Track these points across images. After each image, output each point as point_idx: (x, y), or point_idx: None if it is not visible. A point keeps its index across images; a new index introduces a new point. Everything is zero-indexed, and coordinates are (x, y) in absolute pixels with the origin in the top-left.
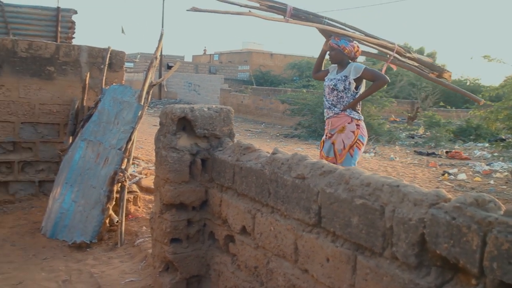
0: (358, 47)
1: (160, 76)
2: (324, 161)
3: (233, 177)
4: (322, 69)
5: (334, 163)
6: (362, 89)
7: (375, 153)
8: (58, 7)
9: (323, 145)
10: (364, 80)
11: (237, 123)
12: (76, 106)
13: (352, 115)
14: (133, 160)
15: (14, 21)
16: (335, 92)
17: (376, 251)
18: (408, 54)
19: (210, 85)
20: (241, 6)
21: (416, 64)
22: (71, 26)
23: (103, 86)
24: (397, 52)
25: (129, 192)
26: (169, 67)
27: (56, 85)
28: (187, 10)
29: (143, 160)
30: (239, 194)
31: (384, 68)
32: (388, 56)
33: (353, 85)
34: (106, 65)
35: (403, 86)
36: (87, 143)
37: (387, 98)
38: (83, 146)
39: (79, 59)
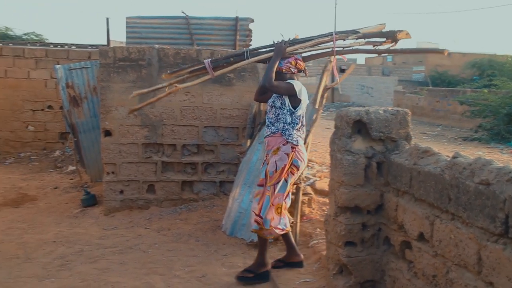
0: (296, 59)
1: (333, 80)
2: None
3: (410, 182)
4: None
5: (262, 185)
6: (302, 110)
7: None
8: (237, 17)
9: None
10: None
11: (412, 126)
12: (253, 110)
13: (289, 140)
14: (307, 162)
15: (198, 32)
16: (274, 109)
17: None
18: (351, 36)
19: (383, 87)
20: (166, 86)
21: (363, 42)
22: (249, 34)
23: None
24: (339, 40)
25: (304, 194)
26: (342, 70)
27: (236, 91)
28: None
29: (317, 163)
30: (416, 199)
31: (334, 66)
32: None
33: (287, 101)
34: None
35: None
36: (264, 145)
37: None
38: (260, 148)
39: (256, 65)
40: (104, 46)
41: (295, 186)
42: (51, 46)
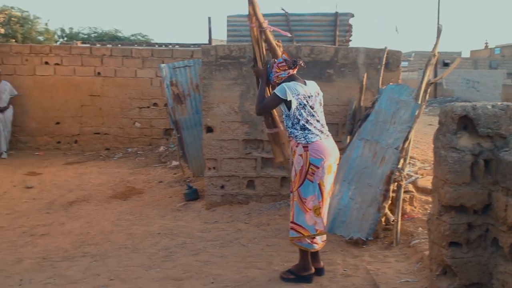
0: (277, 64)
1: (436, 74)
2: None
3: None
4: None
5: (291, 191)
6: (294, 106)
7: None
8: (336, 12)
9: None
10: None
11: None
12: (353, 107)
13: (298, 141)
14: (409, 159)
15: (297, 29)
16: (283, 115)
17: None
18: (254, 12)
19: (490, 81)
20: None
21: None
22: (349, 29)
23: (380, 86)
24: (259, 25)
25: (405, 191)
26: (445, 64)
27: (335, 87)
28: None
29: (418, 160)
30: None
31: (276, 29)
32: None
33: (282, 106)
34: (383, 65)
35: None
36: (364, 142)
37: None
38: (360, 145)
39: (357, 60)
40: (206, 44)
41: (396, 183)
42: (156, 46)
